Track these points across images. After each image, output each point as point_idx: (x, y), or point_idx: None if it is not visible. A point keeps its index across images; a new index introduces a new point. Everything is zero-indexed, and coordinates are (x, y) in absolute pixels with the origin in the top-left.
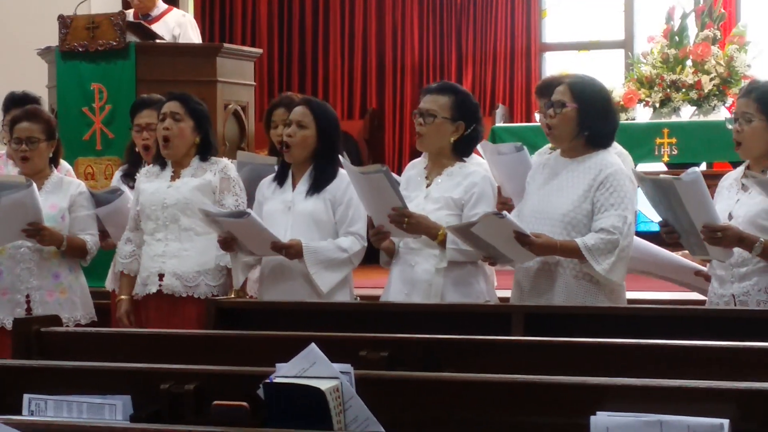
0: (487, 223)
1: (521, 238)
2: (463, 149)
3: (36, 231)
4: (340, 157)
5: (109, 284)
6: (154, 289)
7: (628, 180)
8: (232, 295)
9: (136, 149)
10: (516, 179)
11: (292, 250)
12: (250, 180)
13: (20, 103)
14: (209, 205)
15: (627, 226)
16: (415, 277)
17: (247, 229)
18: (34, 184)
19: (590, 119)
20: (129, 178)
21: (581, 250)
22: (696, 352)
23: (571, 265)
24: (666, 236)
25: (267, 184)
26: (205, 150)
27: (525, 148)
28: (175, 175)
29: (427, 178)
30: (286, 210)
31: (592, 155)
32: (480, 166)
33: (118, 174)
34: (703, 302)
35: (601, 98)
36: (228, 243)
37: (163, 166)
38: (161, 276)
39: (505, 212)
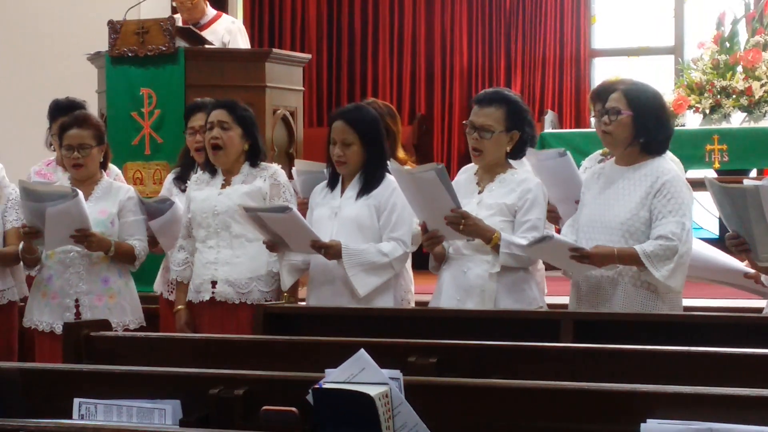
0: (539, 248)
1: (578, 251)
2: (515, 154)
3: (84, 237)
4: (389, 162)
5: (158, 287)
6: (207, 297)
7: (685, 187)
8: (283, 301)
9: (190, 153)
10: (560, 185)
11: (332, 250)
12: (308, 187)
13: (66, 109)
14: (249, 202)
15: (685, 233)
16: (468, 283)
17: (289, 225)
18: (81, 194)
19: (646, 126)
20: (181, 181)
21: (640, 257)
22: (747, 359)
23: (631, 273)
24: (734, 248)
25: (319, 190)
26: (255, 156)
27: (568, 153)
28: (226, 183)
29: (478, 184)
30: (332, 216)
31: (648, 162)
32: (531, 173)
33: (170, 177)
34: (758, 309)
35: (655, 105)
36: (274, 245)
37: (213, 173)
38: (214, 283)
39: (551, 233)
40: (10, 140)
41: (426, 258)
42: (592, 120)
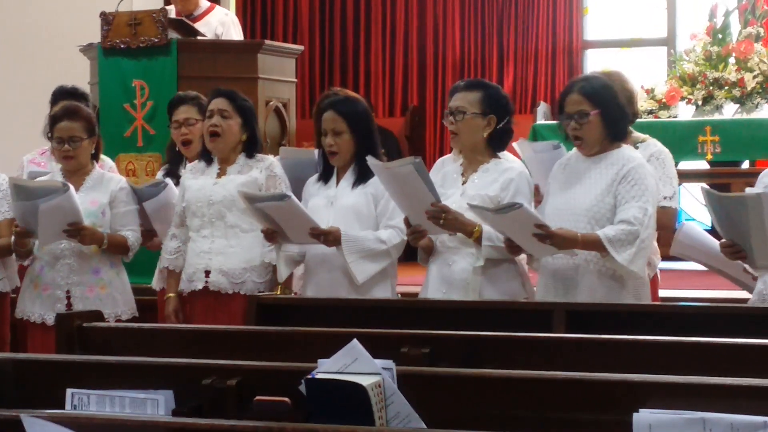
0: (506, 217)
1: (541, 228)
2: (497, 144)
3: (76, 231)
4: (367, 157)
5: (156, 284)
6: (200, 286)
7: (649, 174)
8: (278, 292)
9: (177, 148)
10: None
11: (331, 237)
12: (292, 174)
13: (68, 95)
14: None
15: (647, 218)
16: (452, 276)
17: (287, 213)
18: (72, 188)
19: (614, 118)
20: (170, 176)
21: (602, 241)
22: (739, 349)
23: (596, 262)
24: (731, 256)
25: (312, 182)
26: (252, 147)
27: (562, 145)
28: (221, 172)
29: (462, 175)
30: (328, 205)
31: (613, 152)
32: (516, 162)
33: (160, 174)
34: (745, 300)
35: (613, 94)
36: (271, 234)
37: (208, 162)
38: (207, 272)
39: (522, 202)
40: (2, 131)
41: (415, 250)
42: None
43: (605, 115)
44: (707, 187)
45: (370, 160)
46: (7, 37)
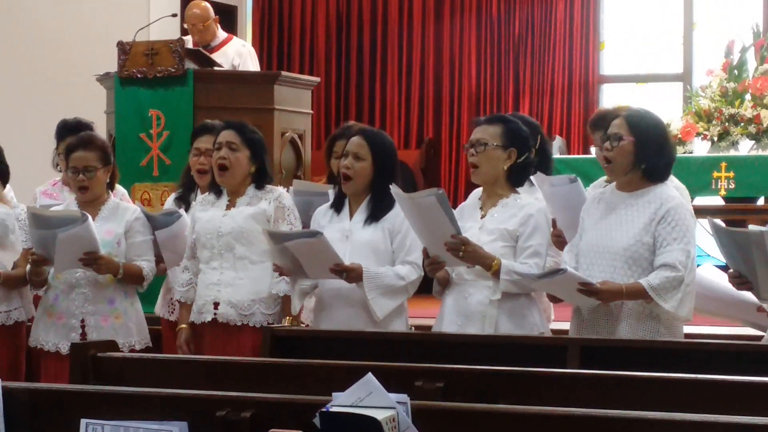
0: (550, 281)
1: (586, 287)
2: (516, 178)
3: (93, 260)
4: (391, 186)
5: (159, 310)
6: (209, 318)
7: (689, 214)
8: (287, 323)
9: (191, 174)
10: (570, 211)
11: (353, 274)
12: (303, 208)
13: (74, 130)
14: (254, 224)
15: (690, 261)
16: (469, 309)
17: (314, 250)
18: (90, 218)
19: (647, 152)
20: (182, 201)
21: (648, 291)
22: (752, 387)
23: (634, 306)
24: (737, 286)
25: (323, 212)
26: (261, 179)
27: (578, 179)
28: (231, 204)
29: (481, 209)
30: (344, 239)
31: (651, 189)
32: (536, 198)
33: (171, 198)
34: (758, 338)
35: (657, 132)
36: (286, 270)
37: (218, 194)
38: (216, 304)
39: (566, 267)
40: (18, 160)
41: (430, 282)
42: (593, 149)
43: (639, 146)
44: (715, 221)
45: (394, 189)
46: (24, 65)
